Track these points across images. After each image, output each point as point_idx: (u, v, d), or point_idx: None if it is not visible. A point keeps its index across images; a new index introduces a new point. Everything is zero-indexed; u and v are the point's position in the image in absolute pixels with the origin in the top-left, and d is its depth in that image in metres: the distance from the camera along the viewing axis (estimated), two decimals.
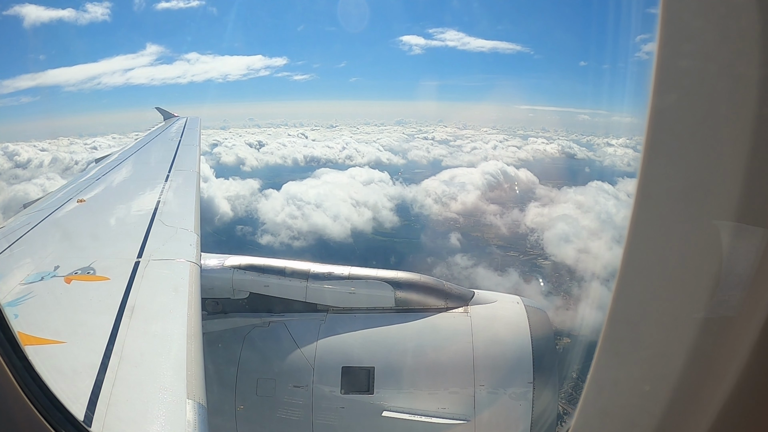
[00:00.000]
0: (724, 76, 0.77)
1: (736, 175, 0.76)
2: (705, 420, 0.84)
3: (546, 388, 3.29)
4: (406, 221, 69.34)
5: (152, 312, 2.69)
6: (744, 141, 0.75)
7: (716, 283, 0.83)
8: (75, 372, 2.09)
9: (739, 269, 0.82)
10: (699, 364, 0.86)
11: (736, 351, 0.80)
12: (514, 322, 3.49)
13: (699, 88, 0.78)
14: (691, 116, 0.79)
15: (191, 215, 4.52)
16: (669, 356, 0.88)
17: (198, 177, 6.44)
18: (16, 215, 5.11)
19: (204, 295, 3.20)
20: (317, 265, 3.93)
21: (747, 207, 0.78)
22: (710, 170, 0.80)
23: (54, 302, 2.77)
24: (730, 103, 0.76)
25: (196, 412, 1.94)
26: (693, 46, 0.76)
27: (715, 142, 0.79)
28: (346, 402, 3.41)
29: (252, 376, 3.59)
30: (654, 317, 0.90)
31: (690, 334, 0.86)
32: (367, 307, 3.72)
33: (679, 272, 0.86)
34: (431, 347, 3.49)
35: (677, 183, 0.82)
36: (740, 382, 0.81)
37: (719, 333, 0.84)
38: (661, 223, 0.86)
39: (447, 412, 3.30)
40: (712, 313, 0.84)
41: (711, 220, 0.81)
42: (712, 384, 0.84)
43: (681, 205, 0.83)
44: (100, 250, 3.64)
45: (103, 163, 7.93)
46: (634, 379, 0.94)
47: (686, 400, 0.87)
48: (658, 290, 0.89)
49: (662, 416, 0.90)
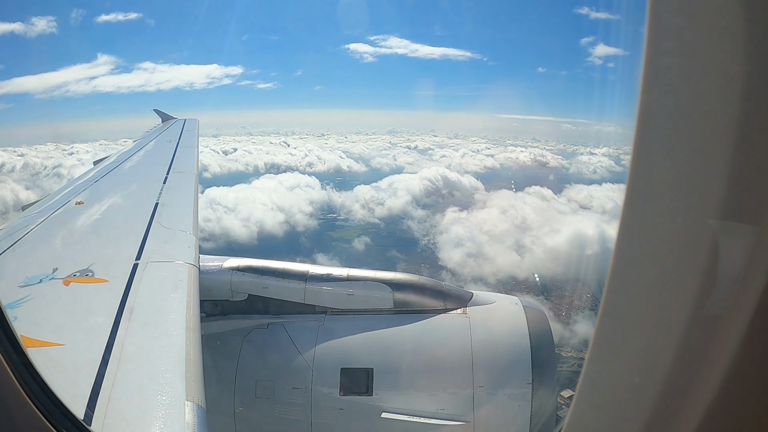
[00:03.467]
0: (709, 73, 0.78)
1: (724, 172, 0.78)
2: (696, 414, 0.86)
3: (544, 389, 3.30)
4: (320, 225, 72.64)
5: (151, 314, 2.69)
6: (730, 138, 0.77)
7: (706, 279, 0.84)
8: (75, 373, 2.09)
9: (728, 266, 0.83)
10: (690, 359, 0.87)
11: (725, 346, 0.82)
12: (513, 323, 3.50)
13: (684, 85, 0.80)
14: (678, 114, 0.81)
15: (190, 217, 4.52)
16: (660, 351, 0.90)
17: (196, 179, 6.45)
18: (14, 217, 5.10)
19: (203, 296, 3.20)
20: (316, 267, 3.94)
21: (736, 204, 0.79)
22: (698, 167, 0.81)
23: (53, 304, 2.78)
24: (715, 101, 0.78)
25: (195, 414, 1.95)
26: (676, 44, 0.78)
27: (703, 139, 0.81)
28: (345, 403, 3.42)
29: (251, 377, 3.59)
30: (645, 313, 0.92)
31: (681, 330, 0.87)
32: (366, 308, 3.73)
33: (669, 269, 0.87)
34: (430, 348, 3.50)
35: (667, 180, 0.84)
36: (729, 377, 0.83)
37: (709, 328, 0.86)
38: (652, 220, 0.88)
39: (446, 413, 3.31)
40: (702, 309, 0.85)
41: (700, 217, 0.83)
42: (702, 378, 0.85)
43: (671, 202, 0.85)
44: (98, 252, 3.64)
45: (102, 165, 7.92)
46: (626, 373, 0.95)
47: (677, 395, 0.89)
48: (650, 286, 0.90)
49: (654, 410, 0.92)
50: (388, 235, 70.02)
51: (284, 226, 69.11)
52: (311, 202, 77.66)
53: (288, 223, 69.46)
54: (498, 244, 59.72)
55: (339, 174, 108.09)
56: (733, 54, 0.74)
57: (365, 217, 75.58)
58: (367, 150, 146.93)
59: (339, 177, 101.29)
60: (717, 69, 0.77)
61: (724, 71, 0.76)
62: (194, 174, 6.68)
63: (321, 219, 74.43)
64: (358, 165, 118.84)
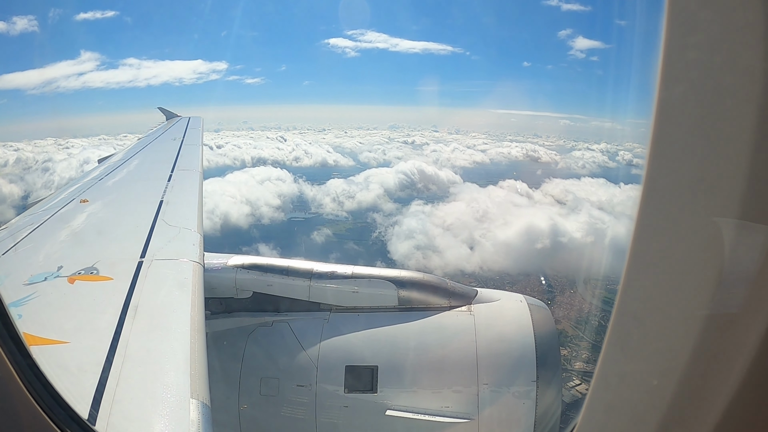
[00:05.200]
0: (730, 68, 0.76)
1: (742, 171, 0.75)
2: (711, 416, 0.83)
3: (549, 386, 3.28)
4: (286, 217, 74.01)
5: (156, 312, 2.69)
6: (750, 135, 0.74)
7: (722, 279, 0.82)
8: (79, 371, 2.09)
9: (744, 265, 0.81)
10: (705, 360, 0.85)
11: (741, 346, 0.80)
12: (518, 321, 3.48)
13: (705, 80, 0.77)
14: (697, 109, 0.79)
15: (194, 215, 4.52)
16: (675, 352, 0.88)
17: (201, 177, 6.45)
18: (19, 215, 5.12)
19: (207, 294, 3.20)
20: (320, 264, 3.93)
21: (753, 203, 0.77)
22: (716, 165, 0.79)
23: (57, 302, 2.78)
24: (736, 97, 0.75)
25: (199, 412, 1.94)
26: (699, 38, 0.76)
27: (721, 136, 0.78)
28: (349, 401, 3.41)
29: (255, 375, 3.59)
30: (660, 312, 0.90)
31: (696, 330, 0.85)
32: (371, 306, 3.72)
33: (685, 267, 0.85)
34: (434, 346, 3.49)
35: (684, 177, 0.82)
36: (746, 378, 0.80)
37: (725, 329, 0.83)
38: (668, 218, 0.85)
39: (450, 411, 3.30)
40: (718, 309, 0.83)
41: (717, 217, 0.81)
42: (717, 379, 0.83)
43: (687, 200, 0.83)
44: (103, 250, 3.65)
45: (107, 163, 7.95)
46: (640, 374, 0.94)
47: (693, 396, 0.87)
48: (665, 285, 0.88)
49: (668, 411, 0.89)
50: (352, 227, 71.23)
51: (249, 218, 69.98)
52: (280, 195, 78.57)
53: (253, 215, 70.46)
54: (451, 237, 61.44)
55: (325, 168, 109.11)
56: (756, 49, 0.71)
57: (334, 210, 76.99)
58: (359, 145, 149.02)
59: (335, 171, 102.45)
60: (739, 64, 0.74)
61: (746, 66, 0.73)
62: (199, 172, 6.69)
63: (288, 212, 75.46)
64: (345, 159, 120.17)
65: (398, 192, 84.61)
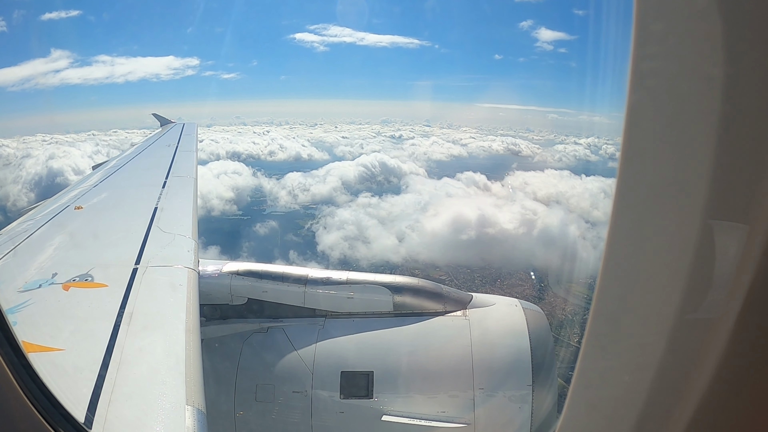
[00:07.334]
0: (691, 76, 0.80)
1: (710, 172, 0.79)
2: (686, 411, 0.87)
3: (545, 391, 3.30)
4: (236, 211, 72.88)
5: (151, 318, 2.69)
6: (715, 138, 0.78)
7: (695, 278, 0.86)
8: (75, 378, 2.09)
9: (717, 264, 0.85)
10: (680, 358, 0.89)
11: (715, 344, 0.83)
12: (513, 325, 3.50)
13: (668, 88, 0.82)
14: (663, 116, 0.83)
15: (189, 221, 4.53)
16: (651, 350, 0.91)
17: (195, 183, 6.45)
18: (14, 222, 5.09)
19: (202, 301, 3.20)
20: (315, 270, 3.94)
21: (723, 203, 0.81)
22: (685, 168, 0.83)
23: (52, 310, 2.77)
24: (698, 103, 0.80)
25: (195, 418, 1.95)
26: (658, 48, 0.80)
27: (688, 140, 0.82)
28: (345, 407, 3.41)
29: (251, 381, 3.58)
30: (636, 313, 0.93)
31: (671, 329, 0.89)
32: (366, 311, 3.73)
33: (659, 268, 0.89)
34: (430, 351, 3.50)
35: (655, 181, 0.86)
36: (719, 375, 0.84)
37: (699, 327, 0.87)
38: (641, 221, 0.89)
39: (446, 416, 3.30)
40: (692, 308, 0.87)
41: (689, 217, 0.84)
42: (692, 376, 0.87)
43: (660, 203, 0.87)
44: (98, 257, 3.64)
45: (101, 170, 7.93)
46: (619, 373, 0.97)
47: (669, 393, 0.90)
48: (640, 286, 0.92)
49: (646, 408, 0.93)
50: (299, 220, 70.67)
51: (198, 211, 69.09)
52: (234, 188, 77.26)
53: (204, 208, 68.60)
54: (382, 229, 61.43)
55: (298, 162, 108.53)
56: (714, 57, 0.75)
57: (287, 204, 76.34)
58: (340, 139, 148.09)
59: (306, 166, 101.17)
60: (699, 72, 0.79)
61: (707, 74, 0.78)
62: (193, 178, 6.68)
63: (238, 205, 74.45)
64: (320, 153, 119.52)
65: (357, 185, 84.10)
